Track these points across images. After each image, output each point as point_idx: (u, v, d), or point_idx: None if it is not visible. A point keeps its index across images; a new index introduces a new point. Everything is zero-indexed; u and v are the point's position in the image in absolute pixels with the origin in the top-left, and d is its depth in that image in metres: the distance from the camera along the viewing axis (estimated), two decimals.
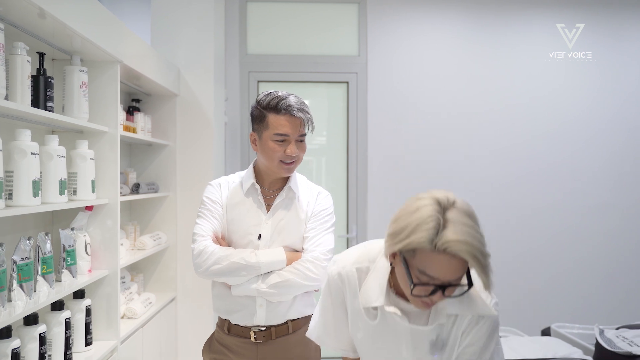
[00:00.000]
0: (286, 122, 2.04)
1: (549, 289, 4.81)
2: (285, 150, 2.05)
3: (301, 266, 2.03)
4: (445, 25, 4.82)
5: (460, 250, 1.33)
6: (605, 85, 4.88)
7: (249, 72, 4.70)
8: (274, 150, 2.05)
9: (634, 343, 3.11)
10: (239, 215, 2.11)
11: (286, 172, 2.10)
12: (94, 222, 2.79)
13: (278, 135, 2.05)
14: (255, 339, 2.08)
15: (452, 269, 1.37)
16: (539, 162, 4.83)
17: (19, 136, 2.10)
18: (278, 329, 2.09)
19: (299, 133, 2.08)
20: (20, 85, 2.08)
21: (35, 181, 2.09)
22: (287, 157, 2.06)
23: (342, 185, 4.76)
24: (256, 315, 2.06)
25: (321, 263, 2.04)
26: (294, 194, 2.14)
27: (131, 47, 3.01)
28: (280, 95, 2.07)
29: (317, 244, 2.08)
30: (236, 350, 2.10)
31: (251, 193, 2.14)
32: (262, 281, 2.01)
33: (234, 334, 2.11)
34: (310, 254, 2.05)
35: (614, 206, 4.87)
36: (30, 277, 2.13)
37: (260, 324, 2.07)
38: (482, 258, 1.35)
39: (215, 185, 2.18)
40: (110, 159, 2.81)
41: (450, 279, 1.38)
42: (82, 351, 2.55)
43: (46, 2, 2.04)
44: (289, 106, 2.05)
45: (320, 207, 2.16)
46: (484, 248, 1.37)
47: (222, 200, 2.13)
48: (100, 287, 2.78)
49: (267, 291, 2.01)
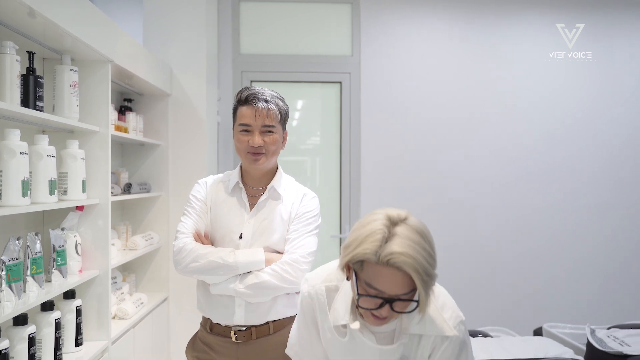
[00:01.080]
0: (248, 112, 2.05)
1: (541, 289, 4.82)
2: (249, 141, 2.05)
3: (279, 268, 2.02)
4: (440, 25, 4.82)
5: (403, 263, 1.34)
6: (605, 86, 4.89)
7: (242, 71, 4.70)
8: (240, 142, 2.08)
9: (624, 343, 3.12)
10: (222, 213, 2.11)
11: (254, 163, 2.07)
12: (84, 222, 2.78)
13: (241, 126, 2.07)
14: (235, 339, 2.07)
15: (397, 282, 1.38)
16: (538, 162, 4.83)
17: (8, 136, 2.09)
18: (259, 330, 2.07)
19: (263, 123, 2.05)
20: (10, 85, 2.07)
21: (24, 181, 2.08)
22: (251, 148, 2.06)
23: (335, 185, 4.75)
24: (235, 314, 2.05)
25: (300, 266, 2.03)
26: (278, 195, 2.13)
27: (123, 46, 3.00)
28: (249, 87, 2.10)
29: (297, 246, 2.07)
30: (218, 350, 2.10)
31: (235, 192, 2.14)
32: (239, 281, 2.00)
33: (216, 332, 2.11)
34: (289, 256, 2.04)
35: (611, 207, 4.89)
36: (20, 278, 2.11)
37: (240, 324, 2.06)
38: (424, 274, 1.35)
39: (202, 183, 2.19)
40: (101, 159, 2.80)
41: (396, 293, 1.39)
42: (73, 352, 2.54)
43: (36, 2, 2.03)
44: (250, 95, 2.06)
45: (304, 208, 2.15)
46: (429, 266, 1.37)
47: (207, 198, 2.14)
48: (91, 288, 2.77)
49: (244, 291, 2.00)
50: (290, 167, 4.81)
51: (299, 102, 4.89)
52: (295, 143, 4.82)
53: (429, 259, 1.38)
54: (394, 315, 1.44)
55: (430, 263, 1.38)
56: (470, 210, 4.69)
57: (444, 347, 1.53)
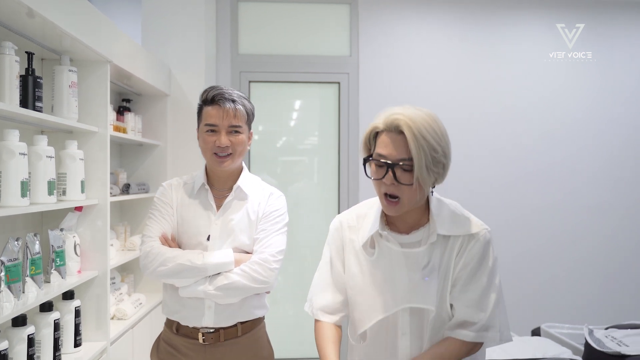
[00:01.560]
0: (214, 112, 2.03)
1: (539, 289, 4.83)
2: (215, 141, 2.03)
3: (249, 268, 2.00)
4: (439, 25, 4.82)
5: (403, 123, 1.52)
6: (605, 86, 4.89)
7: (241, 72, 4.69)
8: (205, 142, 2.05)
9: (622, 343, 3.12)
10: (189, 215, 2.09)
11: (219, 165, 2.05)
12: (83, 223, 2.78)
13: (207, 126, 2.04)
14: (203, 341, 2.05)
15: (398, 146, 1.54)
16: (537, 162, 4.83)
17: (7, 136, 2.08)
18: (227, 332, 2.06)
19: (230, 123, 2.03)
20: (9, 85, 2.07)
21: (23, 181, 2.08)
22: (217, 149, 2.03)
23: (333, 185, 4.75)
24: (204, 316, 2.03)
25: (269, 265, 2.02)
26: (244, 195, 2.12)
27: (121, 46, 3.00)
28: (214, 87, 2.08)
29: (266, 246, 2.05)
30: (184, 352, 2.07)
31: (201, 193, 2.12)
32: (209, 283, 1.99)
33: (183, 334, 2.08)
34: (258, 256, 2.03)
35: (610, 207, 4.89)
36: (19, 278, 2.11)
37: (209, 326, 2.04)
38: (420, 137, 1.50)
39: (166, 186, 2.15)
40: (100, 159, 2.80)
41: (396, 156, 1.54)
42: (72, 352, 2.54)
43: (35, 2, 2.02)
44: (217, 95, 2.04)
45: (271, 207, 2.13)
46: (427, 134, 1.51)
47: (173, 200, 2.11)
48: (90, 288, 2.77)
49: (214, 293, 1.98)
50: (289, 167, 4.81)
51: (297, 103, 4.89)
52: (294, 143, 4.82)
53: (430, 130, 1.52)
54: (400, 190, 1.55)
55: (430, 133, 1.52)
56: (469, 210, 4.68)
57: (471, 245, 1.62)
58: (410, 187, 1.55)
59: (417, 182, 1.54)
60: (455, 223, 1.64)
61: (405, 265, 1.63)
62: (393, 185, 1.56)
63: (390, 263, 1.65)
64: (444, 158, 1.56)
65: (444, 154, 1.56)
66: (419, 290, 1.61)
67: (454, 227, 1.64)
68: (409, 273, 1.62)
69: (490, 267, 1.63)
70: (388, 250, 1.66)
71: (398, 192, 1.57)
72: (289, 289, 4.83)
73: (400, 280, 1.63)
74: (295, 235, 4.84)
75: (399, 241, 1.66)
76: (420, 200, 1.62)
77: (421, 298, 1.61)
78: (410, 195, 1.57)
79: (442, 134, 1.56)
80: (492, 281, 1.63)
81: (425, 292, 1.61)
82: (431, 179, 1.55)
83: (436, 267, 1.61)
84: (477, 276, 1.61)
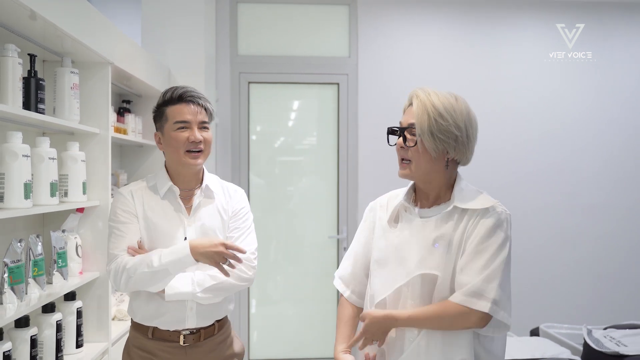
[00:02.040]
0: (184, 109, 2.04)
1: (538, 289, 4.84)
2: (189, 137, 2.02)
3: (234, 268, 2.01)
4: (439, 26, 4.84)
5: (414, 94, 1.72)
6: (605, 86, 4.91)
7: (240, 73, 4.70)
8: (177, 139, 2.03)
9: (621, 343, 3.14)
10: (159, 220, 2.05)
11: (192, 161, 2.04)
12: (84, 224, 2.78)
13: (179, 123, 2.03)
14: (184, 342, 2.05)
15: (408, 113, 1.73)
16: (538, 162, 4.84)
17: (11, 138, 2.09)
18: (207, 331, 2.08)
19: (200, 120, 2.06)
20: (12, 88, 2.07)
21: (26, 183, 2.09)
22: (191, 145, 2.03)
23: (332, 186, 4.77)
24: (187, 319, 2.03)
25: (251, 263, 2.06)
26: (211, 193, 2.12)
27: (122, 48, 3.00)
28: (175, 87, 2.08)
29: (245, 244, 2.07)
30: (161, 355, 2.05)
31: (168, 196, 2.09)
32: (197, 285, 1.99)
33: (160, 338, 2.05)
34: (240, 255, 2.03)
35: (609, 207, 4.90)
36: (22, 280, 2.12)
37: (191, 327, 2.05)
38: (426, 100, 1.68)
39: (125, 194, 2.08)
40: (101, 161, 2.80)
41: (405, 123, 1.73)
42: (73, 353, 2.54)
43: (37, 4, 2.03)
44: (184, 93, 2.05)
45: (238, 205, 2.15)
46: (439, 103, 1.67)
47: (136, 208, 2.06)
48: (91, 289, 2.78)
49: (202, 296, 1.99)
50: (288, 167, 4.82)
51: (296, 103, 4.90)
52: (293, 144, 4.84)
53: (444, 101, 1.68)
54: (410, 153, 1.71)
55: (443, 103, 1.68)
56: None
57: (485, 219, 1.67)
58: (417, 151, 1.70)
59: (423, 146, 1.68)
60: (475, 199, 1.72)
61: (422, 234, 1.71)
62: (402, 148, 1.73)
63: (410, 233, 1.74)
64: (457, 130, 1.67)
65: (457, 126, 1.67)
66: (429, 257, 1.68)
67: (472, 202, 1.71)
68: (424, 241, 1.70)
69: (499, 243, 1.66)
70: (409, 222, 1.76)
71: (408, 155, 1.72)
72: (289, 288, 4.84)
73: (416, 249, 1.70)
74: (295, 235, 4.85)
75: (420, 214, 1.76)
76: (432, 169, 1.72)
77: (429, 264, 1.67)
78: (419, 160, 1.71)
79: (459, 109, 1.70)
80: (498, 254, 1.65)
81: (433, 258, 1.67)
82: (439, 145, 1.67)
83: (448, 236, 1.68)
84: (483, 247, 1.65)
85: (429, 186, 1.76)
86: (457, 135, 1.68)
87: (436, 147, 1.67)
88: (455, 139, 1.68)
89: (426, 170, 1.72)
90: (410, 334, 1.68)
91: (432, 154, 1.69)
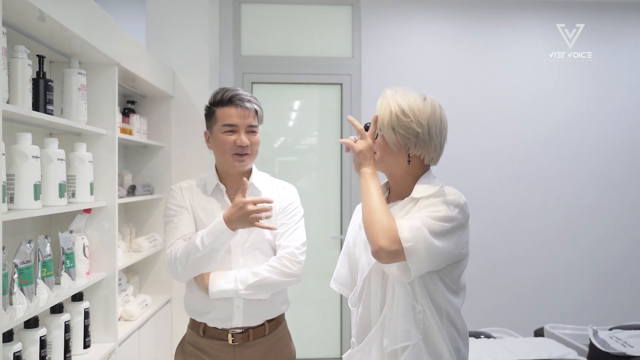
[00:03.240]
0: (233, 112, 2.06)
1: (541, 289, 4.85)
2: (235, 140, 2.05)
3: (278, 263, 2.04)
4: (441, 26, 4.84)
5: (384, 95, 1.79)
6: (605, 86, 4.91)
7: (243, 73, 4.71)
8: (225, 142, 2.06)
9: (627, 344, 3.15)
10: (207, 217, 2.09)
11: (239, 164, 2.08)
12: (91, 225, 2.79)
13: (226, 126, 2.06)
14: (232, 342, 2.07)
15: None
16: (540, 162, 4.84)
17: (20, 139, 2.10)
18: (256, 331, 2.09)
19: (248, 123, 2.08)
20: (21, 89, 2.07)
21: (36, 185, 2.09)
22: (238, 148, 2.06)
23: (335, 186, 4.77)
24: (234, 317, 2.05)
25: (296, 258, 2.07)
26: (258, 191, 2.15)
27: (128, 49, 3.01)
28: (226, 88, 2.10)
29: (291, 239, 2.10)
30: (212, 353, 2.08)
31: (216, 194, 2.13)
32: (239, 282, 2.01)
33: (210, 336, 2.09)
34: (285, 250, 2.06)
35: (614, 206, 4.90)
36: (31, 281, 2.12)
37: (238, 326, 2.06)
38: (390, 97, 1.75)
39: (177, 189, 2.15)
40: (107, 162, 2.81)
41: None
42: (81, 354, 2.55)
43: (46, 5, 2.03)
44: (234, 96, 2.07)
45: (287, 201, 2.17)
46: (403, 101, 1.73)
47: (187, 203, 2.11)
48: (98, 290, 2.78)
49: (245, 292, 2.01)
50: (290, 167, 4.83)
51: (299, 104, 4.91)
52: (296, 144, 4.84)
53: (410, 99, 1.74)
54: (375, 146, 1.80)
55: (408, 101, 1.73)
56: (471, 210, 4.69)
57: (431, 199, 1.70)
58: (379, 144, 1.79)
59: (384, 140, 1.76)
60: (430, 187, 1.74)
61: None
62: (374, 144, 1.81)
63: None
64: (418, 127, 1.71)
65: (419, 123, 1.71)
66: None
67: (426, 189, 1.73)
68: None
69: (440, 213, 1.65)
70: None
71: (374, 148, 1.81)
72: (292, 288, 4.83)
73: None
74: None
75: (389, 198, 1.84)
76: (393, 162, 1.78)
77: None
78: (381, 153, 1.78)
79: (425, 108, 1.74)
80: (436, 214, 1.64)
81: None
82: (400, 140, 1.72)
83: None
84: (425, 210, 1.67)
85: (393, 180, 1.84)
86: (418, 132, 1.72)
87: (397, 141, 1.73)
88: (416, 135, 1.72)
89: (388, 163, 1.79)
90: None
91: (393, 148, 1.75)
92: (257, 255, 2.10)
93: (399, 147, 1.74)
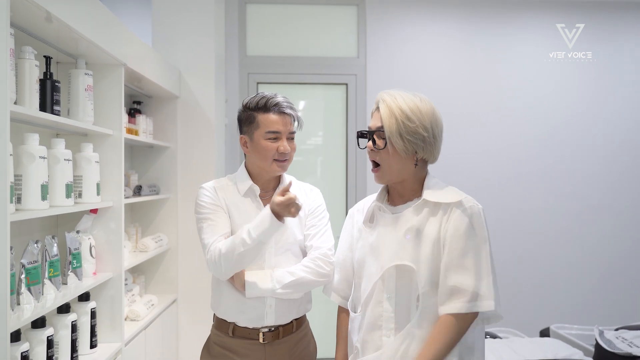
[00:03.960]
0: (277, 119, 2.09)
1: (547, 289, 4.84)
2: (278, 147, 2.08)
3: (312, 263, 2.07)
4: (444, 26, 4.84)
5: (380, 98, 1.77)
6: (605, 86, 4.91)
7: (249, 73, 4.71)
8: (268, 149, 2.08)
9: (633, 344, 3.14)
10: (240, 217, 2.11)
11: (280, 169, 2.13)
12: (98, 225, 2.79)
13: (270, 133, 2.08)
14: (263, 340, 2.09)
15: (376, 118, 1.79)
16: (541, 162, 4.85)
17: (27, 140, 2.10)
18: (285, 329, 2.12)
19: (289, 130, 2.12)
20: (29, 90, 2.08)
21: (43, 185, 2.10)
22: (280, 155, 2.09)
23: (341, 187, 4.77)
24: (266, 316, 2.08)
25: (329, 259, 2.09)
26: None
27: (134, 49, 3.01)
28: (268, 95, 2.11)
29: (322, 241, 2.13)
30: (242, 352, 2.10)
31: (249, 194, 2.15)
32: (276, 281, 2.03)
33: (240, 336, 2.11)
34: (318, 251, 2.09)
35: (620, 206, 4.90)
36: (38, 281, 2.13)
37: (270, 325, 2.09)
38: (392, 104, 1.73)
39: (209, 188, 2.14)
40: (114, 162, 2.81)
41: (373, 126, 1.79)
42: (88, 354, 2.56)
43: (52, 6, 2.04)
44: (278, 104, 2.09)
45: (315, 203, 2.21)
46: (405, 106, 1.72)
47: (222, 203, 2.12)
48: (105, 290, 2.79)
49: (282, 292, 2.03)
50: (296, 167, 4.83)
51: (304, 104, 4.91)
52: (300, 144, 4.83)
53: (410, 104, 1.73)
54: (380, 156, 1.77)
55: (409, 106, 1.72)
56: None
57: (459, 212, 1.71)
58: (387, 153, 1.75)
59: (393, 148, 1.73)
60: (445, 193, 1.75)
61: (394, 228, 1.77)
62: (373, 151, 1.79)
63: (383, 229, 1.80)
64: (424, 131, 1.73)
65: (424, 127, 1.72)
66: (401, 249, 1.72)
67: (442, 195, 1.74)
68: (395, 234, 1.76)
69: (482, 237, 1.70)
70: (383, 220, 1.82)
71: (377, 158, 1.78)
72: None
73: (388, 243, 1.76)
74: None
75: (392, 211, 1.82)
76: (402, 169, 1.77)
77: (402, 256, 1.72)
78: (389, 161, 1.76)
79: (425, 110, 1.74)
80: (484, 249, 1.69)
81: (405, 250, 1.72)
82: (408, 146, 1.72)
83: (418, 227, 1.73)
84: (468, 243, 1.68)
85: (401, 186, 1.82)
86: (425, 136, 1.73)
87: (405, 148, 1.73)
88: (422, 139, 1.73)
89: (397, 171, 1.77)
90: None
91: (402, 154, 1.74)
92: (288, 256, 2.12)
93: (407, 154, 1.74)
